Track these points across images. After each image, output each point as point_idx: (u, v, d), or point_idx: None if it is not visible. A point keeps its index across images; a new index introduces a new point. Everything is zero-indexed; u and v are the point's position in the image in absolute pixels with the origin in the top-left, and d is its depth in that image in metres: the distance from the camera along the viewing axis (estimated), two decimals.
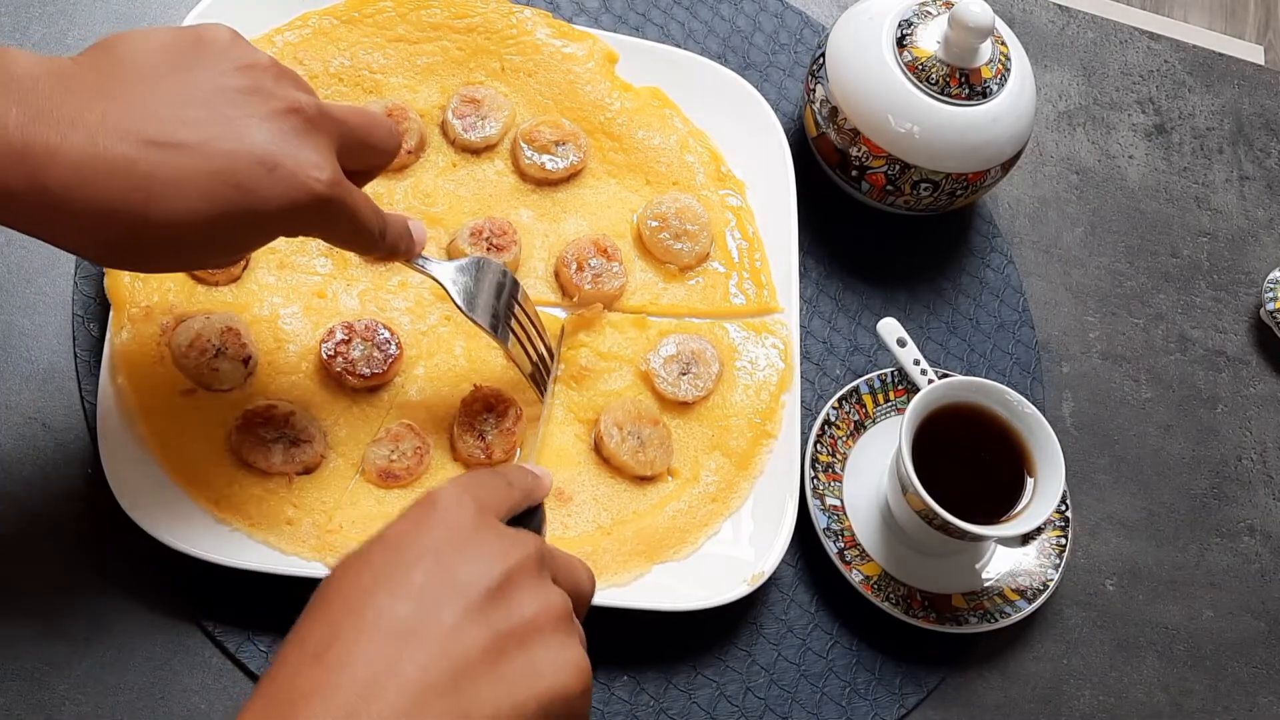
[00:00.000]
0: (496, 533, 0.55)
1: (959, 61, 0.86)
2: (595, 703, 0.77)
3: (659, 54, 0.93)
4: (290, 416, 0.75)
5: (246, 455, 0.74)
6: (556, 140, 0.88)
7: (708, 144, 0.92)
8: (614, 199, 0.89)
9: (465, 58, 0.89)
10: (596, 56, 0.91)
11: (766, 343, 0.86)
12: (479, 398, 0.79)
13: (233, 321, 0.77)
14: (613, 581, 0.77)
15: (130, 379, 0.74)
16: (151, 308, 0.76)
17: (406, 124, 0.85)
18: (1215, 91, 1.10)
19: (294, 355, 0.78)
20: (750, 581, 0.77)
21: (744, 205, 0.90)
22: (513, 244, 0.83)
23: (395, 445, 0.77)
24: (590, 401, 0.82)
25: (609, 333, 0.84)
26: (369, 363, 0.78)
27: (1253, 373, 0.99)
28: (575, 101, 0.90)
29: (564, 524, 0.78)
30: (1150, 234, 1.03)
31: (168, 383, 0.75)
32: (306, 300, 0.80)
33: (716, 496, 0.81)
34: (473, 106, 0.88)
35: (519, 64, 0.90)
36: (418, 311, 0.82)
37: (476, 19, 0.90)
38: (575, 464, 0.80)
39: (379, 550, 0.53)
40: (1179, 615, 0.89)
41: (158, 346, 0.75)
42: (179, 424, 0.74)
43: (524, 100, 0.90)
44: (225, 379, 0.75)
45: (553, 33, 0.91)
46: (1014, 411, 0.81)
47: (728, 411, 0.83)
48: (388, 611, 0.50)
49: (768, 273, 0.88)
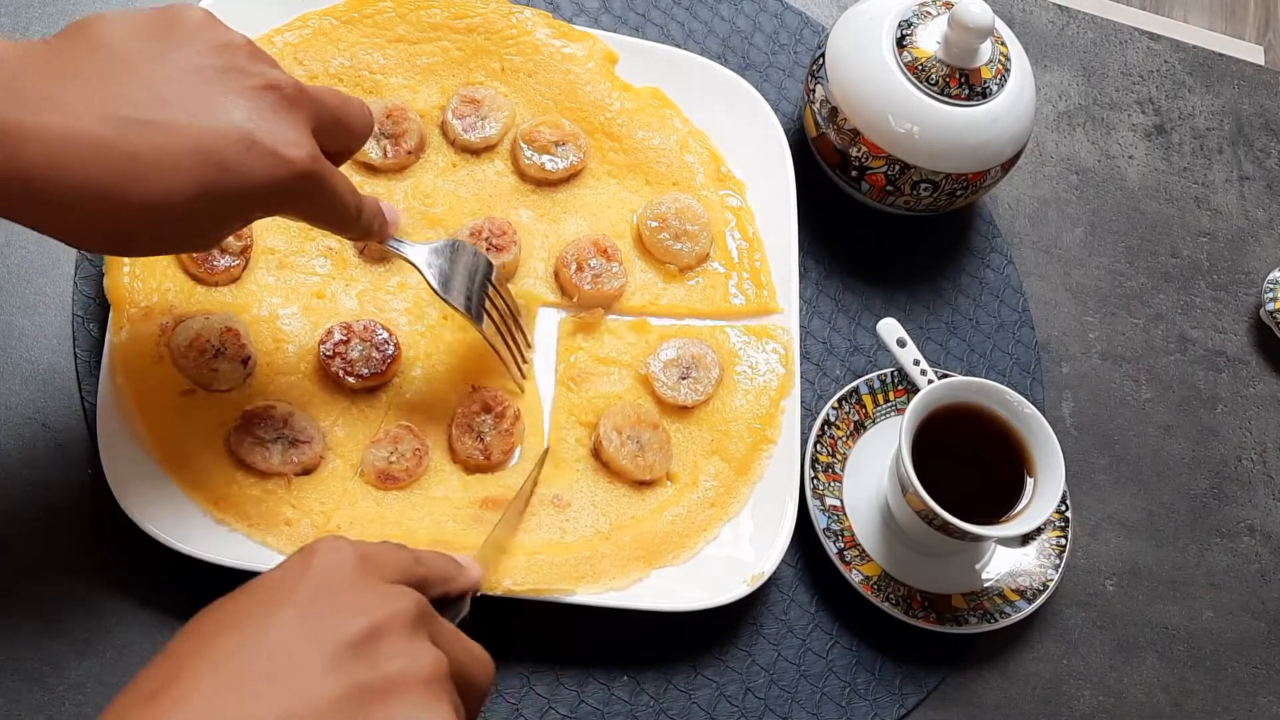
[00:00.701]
0: (372, 585, 0.51)
1: (959, 62, 0.86)
2: (595, 703, 0.77)
3: (659, 54, 0.93)
4: (289, 417, 0.75)
5: (245, 456, 0.74)
6: (556, 140, 0.88)
7: (707, 144, 0.92)
8: (614, 199, 0.89)
9: (465, 58, 0.89)
10: (596, 57, 0.91)
11: (767, 347, 0.86)
12: (478, 398, 0.79)
13: (232, 322, 0.77)
14: (611, 586, 0.77)
15: (130, 379, 0.74)
16: (151, 308, 0.76)
17: (406, 124, 0.85)
18: (1215, 92, 1.10)
19: (293, 355, 0.78)
20: (750, 582, 0.77)
21: (744, 205, 0.90)
22: (512, 244, 0.83)
23: (394, 447, 0.77)
24: (589, 404, 0.82)
25: (607, 338, 0.84)
26: (367, 363, 0.78)
27: (1253, 373, 0.99)
28: (575, 102, 0.90)
29: (562, 529, 0.78)
30: (1150, 234, 1.03)
31: (167, 383, 0.75)
32: (305, 301, 0.80)
33: (715, 502, 0.81)
34: (473, 107, 0.88)
35: (519, 64, 0.90)
36: (416, 312, 0.82)
37: (476, 19, 0.90)
38: (574, 469, 0.80)
39: (244, 594, 0.50)
40: (1179, 615, 0.89)
41: (157, 347, 0.75)
42: (178, 424, 0.74)
43: (524, 100, 0.90)
44: (224, 379, 0.75)
45: (553, 33, 0.91)
46: (1014, 412, 0.81)
47: (727, 416, 0.83)
48: (237, 654, 0.47)
49: (768, 273, 0.88)
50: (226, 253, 0.78)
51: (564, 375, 0.83)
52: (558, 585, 0.75)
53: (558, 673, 0.77)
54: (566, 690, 0.77)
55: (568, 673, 0.77)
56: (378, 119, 0.85)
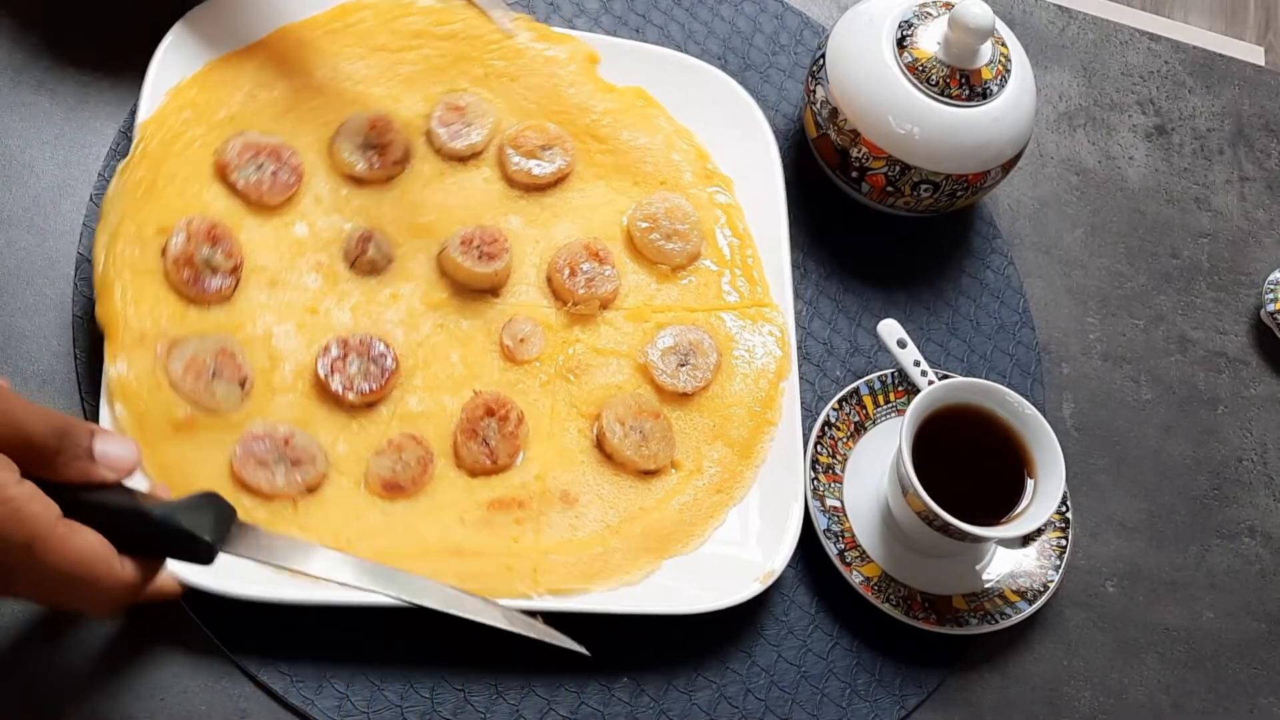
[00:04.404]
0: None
1: (959, 62, 0.86)
2: (596, 704, 0.77)
3: (640, 53, 0.93)
4: (290, 438, 0.75)
5: (249, 479, 0.73)
6: (543, 145, 0.87)
7: (693, 141, 0.91)
8: (602, 201, 0.88)
9: (448, 65, 0.88)
10: (578, 58, 0.91)
11: (763, 330, 0.86)
12: (480, 403, 0.79)
13: (226, 343, 0.76)
14: (626, 580, 0.77)
15: (129, 409, 0.72)
16: (145, 333, 0.74)
17: (391, 135, 0.84)
18: (1215, 93, 1.10)
19: (289, 374, 0.77)
20: (762, 580, 0.78)
21: (733, 201, 0.90)
22: (504, 251, 0.83)
23: (398, 455, 0.77)
24: (590, 395, 0.82)
25: (604, 329, 0.84)
26: (367, 378, 0.77)
27: (1253, 374, 0.99)
28: (559, 105, 0.89)
29: (572, 525, 0.78)
30: (1150, 235, 1.03)
31: (166, 410, 0.73)
32: (299, 317, 0.79)
33: (721, 487, 0.81)
34: (457, 114, 0.87)
35: (502, 69, 0.89)
36: (410, 322, 0.81)
37: (458, 25, 0.89)
38: (578, 463, 0.80)
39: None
40: (1179, 616, 0.89)
41: (153, 374, 0.74)
42: (180, 452, 0.73)
43: (508, 106, 0.89)
44: (223, 402, 0.75)
45: (534, 36, 0.90)
46: (1014, 413, 0.81)
47: (728, 401, 0.84)
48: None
49: (760, 268, 0.88)
50: (218, 272, 0.77)
51: (562, 367, 0.83)
52: (572, 585, 0.75)
53: (558, 673, 0.77)
54: (567, 691, 0.77)
55: (568, 673, 0.77)
56: (362, 130, 0.84)
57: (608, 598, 0.76)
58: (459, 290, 0.83)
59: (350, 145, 0.84)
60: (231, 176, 0.80)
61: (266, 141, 0.82)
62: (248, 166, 0.81)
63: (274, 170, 0.81)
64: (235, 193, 0.81)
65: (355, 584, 0.63)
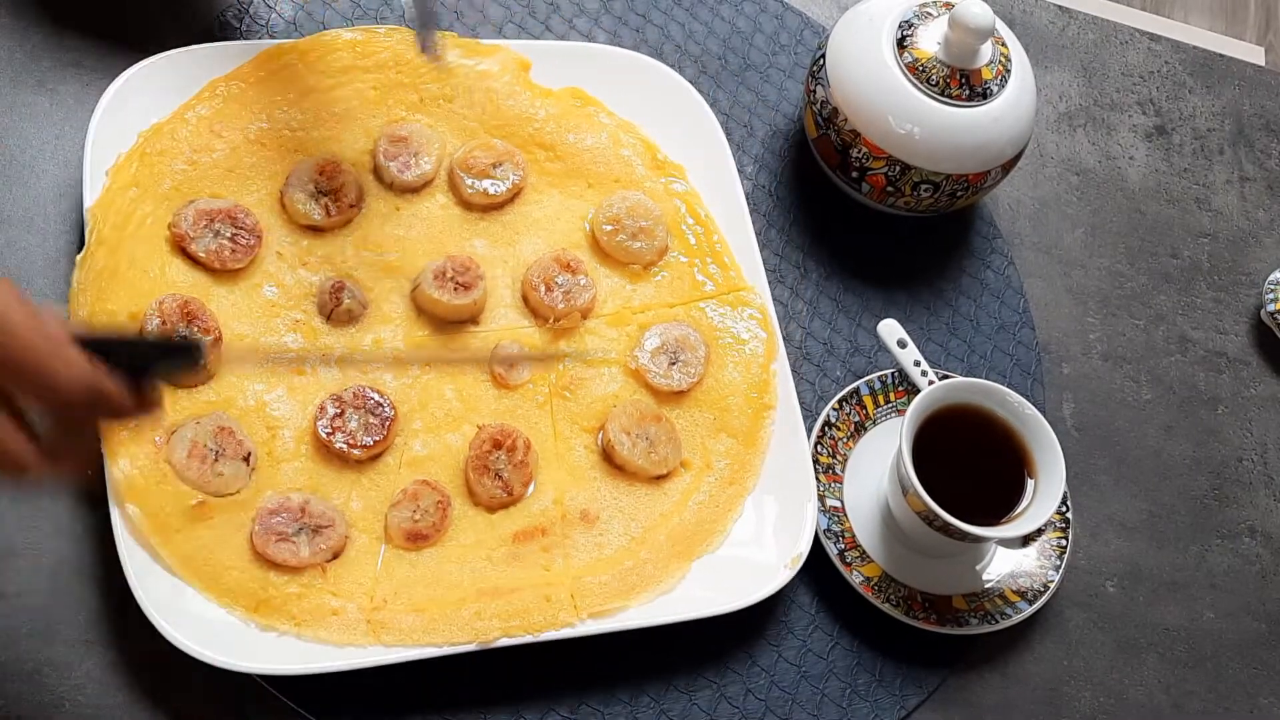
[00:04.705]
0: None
1: (959, 62, 0.86)
2: (596, 704, 0.77)
3: (568, 51, 0.92)
4: (305, 505, 0.74)
5: (274, 555, 0.72)
6: (493, 163, 0.86)
7: (638, 134, 0.91)
8: (561, 209, 0.88)
9: (381, 96, 0.87)
10: (510, 68, 0.89)
11: (744, 315, 0.86)
12: (486, 437, 0.78)
13: (223, 420, 0.75)
14: (662, 590, 0.77)
15: (140, 505, 0.71)
16: (139, 425, 0.73)
17: (342, 178, 0.83)
18: (1216, 93, 1.10)
19: (290, 440, 0.77)
20: (790, 564, 0.78)
21: (689, 188, 0.90)
22: (478, 279, 0.82)
23: (415, 504, 0.76)
24: (588, 409, 0.82)
25: (589, 339, 0.84)
26: (368, 430, 0.77)
27: (1253, 374, 0.99)
28: (500, 119, 0.88)
29: (598, 544, 0.78)
30: (1151, 235, 1.03)
31: (177, 500, 0.73)
32: (287, 380, 0.78)
33: (733, 479, 0.81)
34: (401, 145, 0.85)
35: (436, 92, 0.88)
36: (398, 367, 0.80)
37: (384, 54, 0.87)
38: (590, 479, 0.80)
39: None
40: (1179, 616, 0.89)
41: (157, 466, 0.73)
42: (199, 540, 0.72)
43: (450, 128, 0.88)
44: (231, 482, 0.74)
45: (462, 52, 0.89)
46: (1014, 413, 0.81)
47: (724, 392, 0.84)
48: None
49: (729, 252, 0.88)
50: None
51: (556, 385, 0.82)
52: (612, 605, 0.75)
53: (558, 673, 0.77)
54: (567, 691, 0.77)
55: (568, 673, 0.77)
56: (311, 177, 0.82)
57: (649, 611, 0.76)
58: (439, 324, 0.82)
59: (303, 195, 0.82)
60: (191, 248, 0.79)
61: (218, 206, 0.80)
62: (205, 235, 0.79)
63: (232, 234, 0.79)
64: (197, 264, 0.79)
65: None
